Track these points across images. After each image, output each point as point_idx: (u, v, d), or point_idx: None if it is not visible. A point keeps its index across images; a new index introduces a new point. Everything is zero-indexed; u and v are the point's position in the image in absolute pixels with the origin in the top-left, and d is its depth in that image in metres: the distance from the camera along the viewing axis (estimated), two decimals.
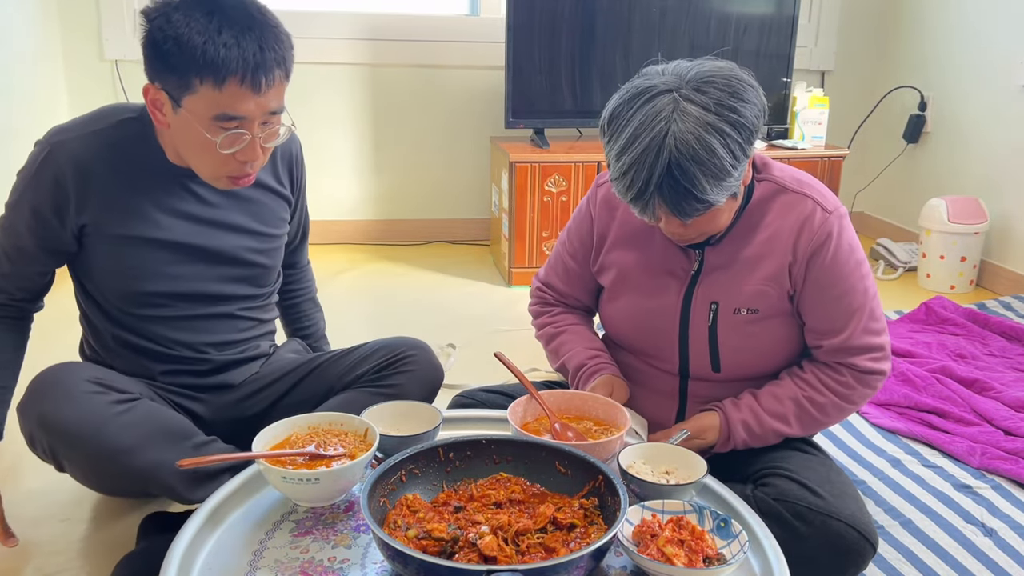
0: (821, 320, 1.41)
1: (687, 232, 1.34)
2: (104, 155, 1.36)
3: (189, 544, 1.10)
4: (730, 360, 1.45)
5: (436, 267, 3.47)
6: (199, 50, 1.21)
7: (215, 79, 1.23)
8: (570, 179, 3.16)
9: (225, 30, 1.22)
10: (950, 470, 1.90)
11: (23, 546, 1.58)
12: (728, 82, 1.23)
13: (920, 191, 3.62)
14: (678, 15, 3.28)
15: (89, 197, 1.36)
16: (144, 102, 1.34)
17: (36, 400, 1.34)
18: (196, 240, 1.43)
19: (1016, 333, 2.64)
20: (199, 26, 1.22)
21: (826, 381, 1.43)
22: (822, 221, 1.37)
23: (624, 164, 1.23)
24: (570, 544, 1.05)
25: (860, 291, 1.40)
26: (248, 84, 1.24)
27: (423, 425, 1.32)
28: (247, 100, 1.25)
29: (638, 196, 1.25)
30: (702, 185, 1.21)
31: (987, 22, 3.32)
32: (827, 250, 1.37)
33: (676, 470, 1.24)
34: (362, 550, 1.12)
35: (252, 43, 1.23)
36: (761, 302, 1.41)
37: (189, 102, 1.26)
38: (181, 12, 1.23)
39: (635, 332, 1.52)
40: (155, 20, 1.24)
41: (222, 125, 1.27)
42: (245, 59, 1.23)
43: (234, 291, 1.51)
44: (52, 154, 1.34)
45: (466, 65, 3.63)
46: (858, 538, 1.32)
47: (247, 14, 1.25)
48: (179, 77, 1.24)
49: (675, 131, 1.20)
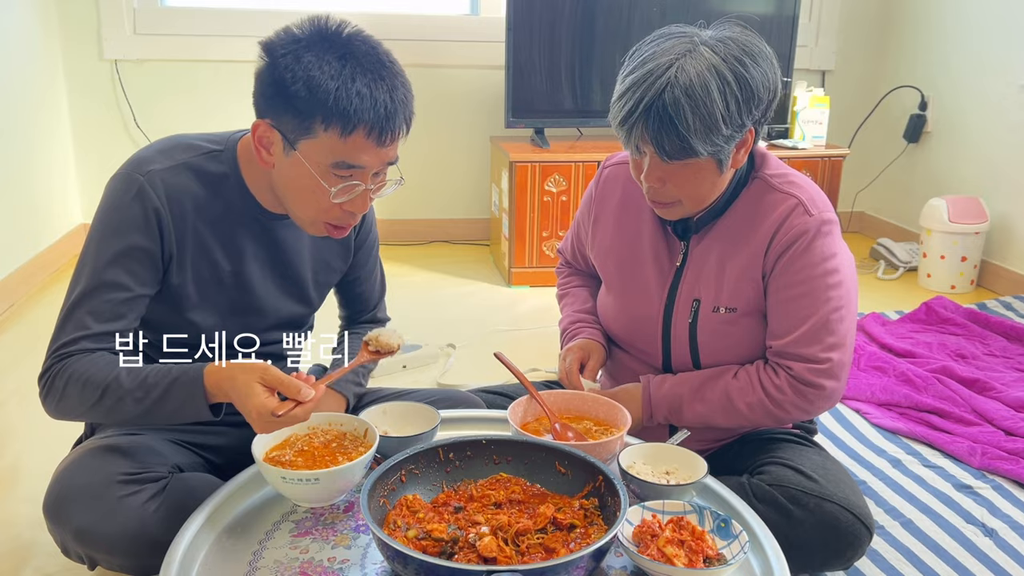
0: (772, 319, 1.40)
1: (665, 189, 1.33)
2: (194, 189, 1.28)
3: (189, 544, 1.10)
4: (709, 358, 1.45)
5: (436, 267, 3.47)
6: (331, 96, 1.14)
7: (343, 127, 1.16)
8: (570, 179, 3.15)
9: (359, 78, 1.16)
10: (951, 470, 1.90)
11: (23, 546, 1.58)
12: (747, 45, 1.29)
13: (920, 191, 3.62)
14: (678, 15, 3.27)
15: (177, 230, 1.28)
16: (219, 133, 1.31)
17: (67, 511, 1.24)
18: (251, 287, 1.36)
19: (1017, 333, 2.63)
20: (332, 70, 1.15)
21: (762, 378, 1.39)
22: (800, 221, 1.35)
23: (625, 84, 1.28)
24: (570, 544, 1.05)
25: (821, 300, 1.35)
26: (375, 136, 1.18)
27: (422, 425, 1.32)
28: (369, 152, 1.19)
29: (626, 117, 1.27)
30: (687, 122, 1.23)
31: (987, 22, 3.31)
32: (796, 249, 1.35)
33: (676, 470, 1.24)
34: (362, 550, 1.11)
35: (384, 94, 1.17)
36: (739, 300, 1.41)
37: (306, 146, 1.19)
38: (313, 53, 1.16)
39: (622, 326, 1.54)
40: (283, 57, 1.17)
41: (339, 173, 1.20)
42: (376, 111, 1.16)
43: (275, 337, 1.45)
44: (144, 188, 1.25)
45: (466, 65, 3.63)
46: (853, 520, 1.32)
47: (379, 63, 1.19)
48: (301, 120, 1.17)
49: (681, 64, 1.25)
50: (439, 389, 1.57)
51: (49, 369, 1.24)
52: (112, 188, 1.27)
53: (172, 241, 1.27)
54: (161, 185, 1.25)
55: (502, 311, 2.98)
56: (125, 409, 1.20)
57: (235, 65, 3.40)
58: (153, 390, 1.18)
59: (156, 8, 3.41)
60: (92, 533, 1.23)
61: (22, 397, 2.23)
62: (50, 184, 3.27)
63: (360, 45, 1.19)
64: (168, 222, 1.26)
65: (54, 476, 1.29)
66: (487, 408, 1.53)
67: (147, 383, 1.19)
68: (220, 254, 1.32)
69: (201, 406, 1.18)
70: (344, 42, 1.18)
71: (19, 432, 2.03)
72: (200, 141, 1.33)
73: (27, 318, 2.79)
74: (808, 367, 1.35)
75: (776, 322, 1.39)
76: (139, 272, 1.26)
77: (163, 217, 1.26)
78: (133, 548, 1.22)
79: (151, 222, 1.25)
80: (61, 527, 1.26)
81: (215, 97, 3.46)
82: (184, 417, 1.21)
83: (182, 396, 1.18)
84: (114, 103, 3.44)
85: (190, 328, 1.34)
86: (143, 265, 1.26)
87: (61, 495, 1.25)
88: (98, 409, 1.21)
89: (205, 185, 1.29)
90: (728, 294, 1.41)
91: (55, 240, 3.27)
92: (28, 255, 3.03)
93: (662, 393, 1.45)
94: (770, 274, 1.38)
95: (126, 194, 1.25)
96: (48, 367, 1.24)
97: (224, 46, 3.43)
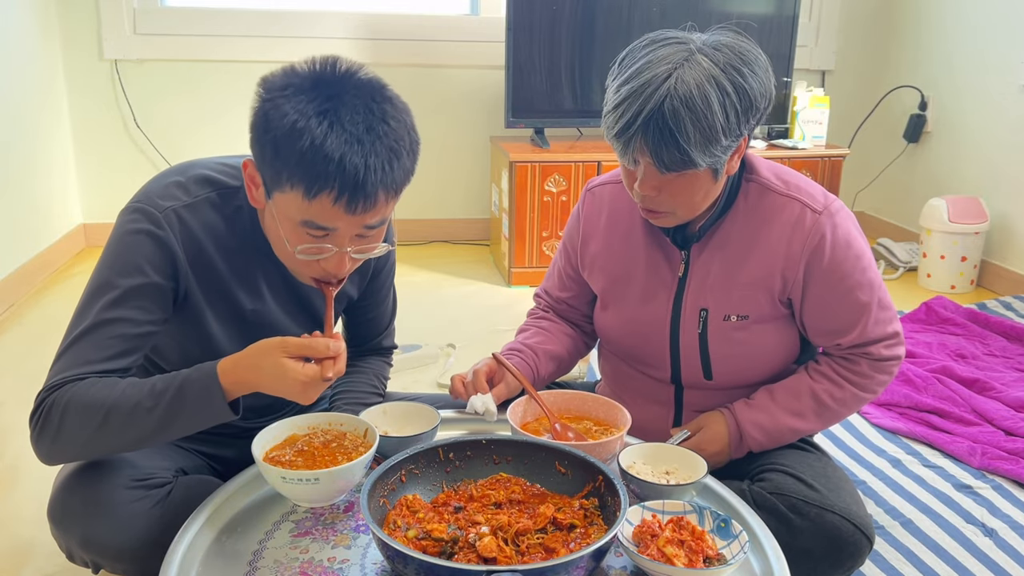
0: (831, 320, 1.39)
1: (659, 199, 1.31)
2: (212, 226, 1.23)
3: (189, 544, 1.10)
4: (721, 368, 1.44)
5: (436, 267, 3.47)
6: (295, 156, 1.05)
7: (305, 190, 1.07)
8: (570, 179, 3.15)
9: (331, 138, 1.05)
10: (950, 470, 1.90)
11: (23, 546, 1.58)
12: (743, 52, 1.25)
13: (920, 191, 3.62)
14: (678, 15, 3.27)
15: (194, 269, 1.23)
16: (236, 159, 1.26)
17: (73, 519, 1.21)
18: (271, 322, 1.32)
19: (1017, 333, 2.63)
20: (306, 126, 1.05)
21: (843, 373, 1.41)
22: (813, 223, 1.35)
23: (621, 95, 1.24)
24: (570, 544, 1.05)
25: (866, 285, 1.38)
26: (343, 203, 1.07)
27: (423, 425, 1.32)
28: (339, 218, 1.10)
29: (624, 129, 1.24)
30: (687, 135, 1.21)
31: (987, 22, 3.32)
32: (823, 252, 1.35)
33: (676, 470, 1.24)
34: (362, 550, 1.11)
35: (358, 158, 1.06)
36: (751, 308, 1.40)
37: (279, 198, 1.12)
38: (293, 104, 1.07)
39: (626, 340, 1.51)
40: (267, 102, 1.09)
41: (309, 232, 1.12)
42: (344, 178, 1.06)
43: None
44: (161, 225, 1.19)
45: (466, 65, 3.63)
46: (853, 531, 1.31)
47: (365, 121, 1.07)
48: (273, 172, 1.10)
49: (679, 74, 1.21)
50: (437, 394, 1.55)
51: (41, 405, 1.14)
52: (126, 221, 1.20)
53: (189, 279, 1.22)
54: (177, 223, 1.20)
55: (502, 311, 2.99)
56: (136, 424, 1.11)
57: (235, 65, 3.40)
58: (163, 395, 1.10)
59: (156, 8, 3.41)
60: (99, 541, 1.21)
61: (22, 397, 2.23)
62: (50, 184, 3.27)
63: (352, 99, 1.08)
64: (183, 262, 1.20)
65: (57, 482, 1.26)
66: None
67: (155, 390, 1.11)
68: (241, 292, 1.27)
69: (220, 404, 1.10)
70: (334, 94, 1.08)
71: (19, 432, 2.03)
72: (218, 174, 1.25)
73: (27, 318, 2.79)
74: (883, 345, 1.40)
75: (833, 322, 1.39)
76: (148, 307, 1.18)
77: (178, 256, 1.20)
78: (140, 554, 1.21)
79: (166, 260, 1.19)
80: (66, 534, 1.24)
81: (215, 97, 3.46)
82: (203, 420, 1.12)
83: (198, 394, 1.10)
84: (114, 103, 3.44)
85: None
86: (153, 301, 1.19)
87: (66, 502, 1.23)
88: (104, 434, 1.12)
89: (223, 220, 1.23)
90: (738, 302, 1.39)
91: (55, 240, 3.27)
92: (28, 255, 3.03)
93: (750, 419, 1.40)
94: (805, 284, 1.37)
95: (139, 231, 1.18)
96: (40, 402, 1.14)
97: (224, 46, 3.43)
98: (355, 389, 1.46)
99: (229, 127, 3.40)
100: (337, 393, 1.45)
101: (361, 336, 1.53)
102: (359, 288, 1.43)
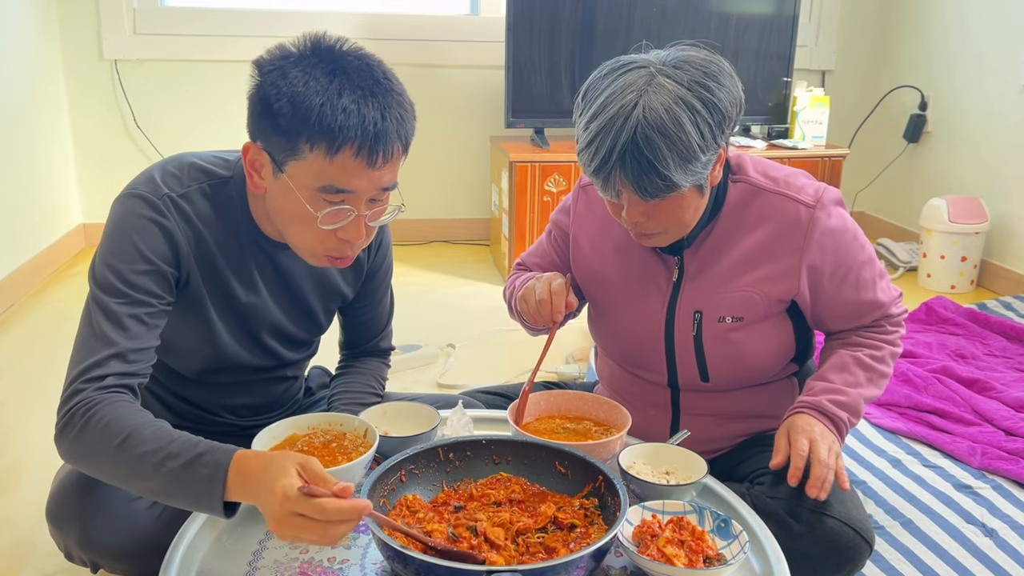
0: (848, 305, 1.42)
1: (649, 223, 1.29)
2: (207, 216, 1.23)
3: (189, 544, 1.10)
4: (718, 370, 1.43)
5: (436, 267, 3.47)
6: (315, 112, 1.07)
7: (328, 146, 1.09)
8: (570, 179, 3.15)
9: (346, 93, 1.09)
10: (950, 470, 1.90)
11: (23, 546, 1.58)
12: (705, 65, 1.23)
13: (920, 191, 3.62)
14: (678, 15, 3.27)
15: (196, 257, 1.23)
16: (229, 153, 1.27)
17: (71, 519, 1.21)
18: (266, 316, 1.33)
19: (1017, 333, 2.63)
20: (318, 86, 1.08)
21: (873, 336, 1.44)
22: (808, 218, 1.35)
23: (591, 132, 1.22)
24: (570, 544, 1.05)
25: (867, 262, 1.40)
26: (364, 156, 1.10)
27: (423, 425, 1.32)
28: (359, 174, 1.12)
29: (601, 166, 1.22)
30: (665, 160, 1.18)
31: (987, 22, 3.32)
32: (825, 248, 1.36)
33: (676, 470, 1.24)
34: (362, 550, 1.11)
35: (374, 111, 1.10)
36: (746, 309, 1.39)
37: (293, 168, 1.12)
38: (300, 69, 1.10)
39: (622, 345, 1.50)
40: (269, 74, 1.11)
41: (327, 198, 1.13)
42: (364, 127, 1.09)
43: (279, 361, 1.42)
44: (161, 211, 1.19)
45: (466, 65, 3.63)
46: (853, 536, 1.31)
47: (372, 79, 1.12)
48: (288, 140, 1.10)
49: (646, 102, 1.18)
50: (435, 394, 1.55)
51: (73, 397, 1.09)
52: (124, 207, 1.19)
53: (191, 265, 1.22)
54: (176, 210, 1.20)
55: (502, 311, 2.95)
56: (139, 469, 1.04)
57: (235, 65, 3.40)
58: (173, 459, 1.03)
59: (156, 8, 3.41)
60: (98, 541, 1.21)
61: (22, 397, 2.23)
62: (50, 184, 3.27)
63: (354, 61, 1.13)
64: (186, 248, 1.21)
65: (55, 482, 1.26)
66: (486, 408, 1.53)
67: (170, 448, 1.03)
68: (236, 284, 1.28)
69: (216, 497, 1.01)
70: (336, 58, 1.12)
71: (19, 432, 2.03)
72: (211, 165, 1.26)
73: (27, 318, 2.79)
74: (894, 305, 1.46)
75: (851, 306, 1.42)
76: (157, 290, 1.18)
77: (180, 243, 1.20)
78: (139, 553, 1.21)
79: (169, 246, 1.19)
80: (65, 534, 1.24)
81: (215, 97, 3.46)
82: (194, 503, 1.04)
83: (202, 476, 1.01)
84: (114, 103, 3.44)
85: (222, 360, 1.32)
86: (159, 285, 1.19)
87: (64, 502, 1.23)
88: (116, 459, 1.06)
89: (216, 212, 1.24)
90: (734, 303, 1.39)
91: (55, 240, 3.27)
92: (28, 255, 3.03)
93: (827, 400, 1.37)
94: (811, 280, 1.38)
95: (140, 215, 1.18)
96: (72, 393, 1.09)
97: (224, 46, 3.43)
98: (353, 390, 1.46)
99: (229, 127, 3.39)
100: (335, 394, 1.45)
101: (358, 338, 1.53)
102: (354, 287, 1.43)
